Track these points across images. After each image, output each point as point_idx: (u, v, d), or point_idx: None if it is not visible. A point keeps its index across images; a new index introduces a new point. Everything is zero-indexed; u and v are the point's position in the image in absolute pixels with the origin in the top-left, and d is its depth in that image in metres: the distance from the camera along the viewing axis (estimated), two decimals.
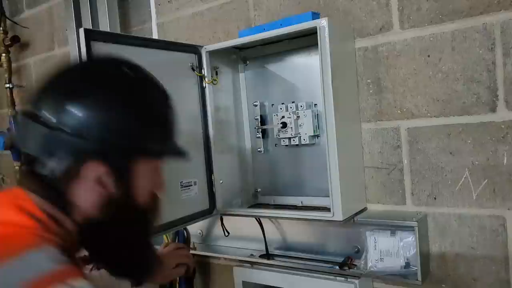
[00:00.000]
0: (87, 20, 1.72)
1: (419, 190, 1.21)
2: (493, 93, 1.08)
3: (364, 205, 1.28)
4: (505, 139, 1.08)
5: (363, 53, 1.26)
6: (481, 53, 1.09)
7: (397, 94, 1.22)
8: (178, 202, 1.25)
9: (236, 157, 1.44)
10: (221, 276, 1.68)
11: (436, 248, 1.19)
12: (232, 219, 1.47)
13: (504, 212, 1.09)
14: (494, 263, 1.12)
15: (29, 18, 2.32)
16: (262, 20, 1.45)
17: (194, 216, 1.29)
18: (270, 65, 1.41)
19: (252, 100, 1.44)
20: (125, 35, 1.32)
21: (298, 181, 1.38)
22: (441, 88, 1.15)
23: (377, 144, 1.26)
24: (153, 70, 1.18)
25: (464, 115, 1.13)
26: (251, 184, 1.48)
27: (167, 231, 1.22)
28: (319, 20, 1.10)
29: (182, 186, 1.26)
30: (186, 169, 1.27)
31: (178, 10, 1.67)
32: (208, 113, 1.33)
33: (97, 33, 1.08)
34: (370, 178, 1.28)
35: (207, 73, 1.33)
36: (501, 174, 1.09)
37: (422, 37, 1.17)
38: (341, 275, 1.25)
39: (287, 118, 1.32)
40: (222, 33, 1.56)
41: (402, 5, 1.19)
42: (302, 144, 1.31)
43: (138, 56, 1.14)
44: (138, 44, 1.16)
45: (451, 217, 1.17)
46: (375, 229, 1.21)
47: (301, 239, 1.40)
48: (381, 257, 1.18)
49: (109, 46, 1.07)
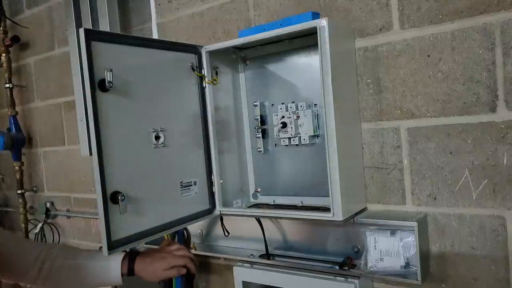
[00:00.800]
0: (87, 20, 1.72)
1: (419, 190, 1.21)
2: (493, 93, 1.09)
3: (364, 205, 1.28)
4: (505, 139, 1.08)
5: (363, 53, 1.26)
6: (481, 53, 1.09)
7: (397, 94, 1.22)
8: (178, 202, 1.25)
9: (236, 157, 1.44)
10: (221, 276, 1.68)
11: (436, 248, 1.19)
12: (232, 219, 1.47)
13: (504, 212, 1.10)
14: (494, 263, 1.12)
15: (29, 18, 2.32)
16: (262, 20, 1.45)
17: (194, 216, 1.29)
18: (270, 65, 1.41)
19: (252, 100, 1.44)
20: (125, 35, 1.32)
21: (298, 181, 1.38)
22: (441, 88, 1.15)
23: (377, 144, 1.26)
24: (154, 70, 1.20)
25: (464, 115, 1.13)
26: (251, 184, 1.48)
27: (167, 231, 1.22)
28: (319, 20, 1.10)
29: (182, 186, 1.26)
30: (186, 169, 1.28)
31: (178, 10, 1.67)
32: (208, 113, 1.33)
33: (97, 33, 1.08)
34: (370, 178, 1.28)
35: (207, 73, 1.33)
36: (501, 174, 1.09)
37: (422, 37, 1.17)
38: (341, 275, 1.25)
39: (287, 118, 1.32)
40: (222, 33, 1.56)
41: (402, 5, 1.19)
42: (302, 144, 1.31)
43: (138, 56, 1.16)
44: (138, 44, 1.16)
45: (451, 217, 1.17)
46: (375, 229, 1.21)
47: (301, 239, 1.40)
48: (381, 257, 1.18)
49: (109, 46, 1.07)
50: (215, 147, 1.34)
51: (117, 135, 1.07)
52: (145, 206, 1.14)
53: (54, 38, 2.20)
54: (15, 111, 2.32)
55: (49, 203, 2.34)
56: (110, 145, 1.05)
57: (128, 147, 1.11)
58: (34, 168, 2.43)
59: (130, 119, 1.13)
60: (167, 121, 1.22)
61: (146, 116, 1.17)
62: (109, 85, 1.03)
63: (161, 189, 1.20)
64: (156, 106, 1.20)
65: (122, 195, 1.05)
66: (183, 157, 1.27)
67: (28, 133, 2.41)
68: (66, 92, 2.15)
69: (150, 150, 1.18)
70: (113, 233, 1.04)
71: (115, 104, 1.08)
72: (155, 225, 1.17)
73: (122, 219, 1.07)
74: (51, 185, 2.36)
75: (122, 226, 1.07)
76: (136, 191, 1.11)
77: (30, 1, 2.31)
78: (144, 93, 1.16)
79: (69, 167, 2.22)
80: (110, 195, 1.05)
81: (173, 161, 1.24)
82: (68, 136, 2.20)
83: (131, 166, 1.12)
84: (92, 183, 2.05)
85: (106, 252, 1.03)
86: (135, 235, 1.11)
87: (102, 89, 1.04)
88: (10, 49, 2.30)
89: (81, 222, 2.22)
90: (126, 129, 1.11)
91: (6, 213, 2.67)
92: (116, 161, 1.06)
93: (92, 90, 1.01)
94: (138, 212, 1.12)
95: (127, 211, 1.08)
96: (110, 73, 1.03)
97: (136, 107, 1.14)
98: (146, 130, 1.17)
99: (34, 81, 2.35)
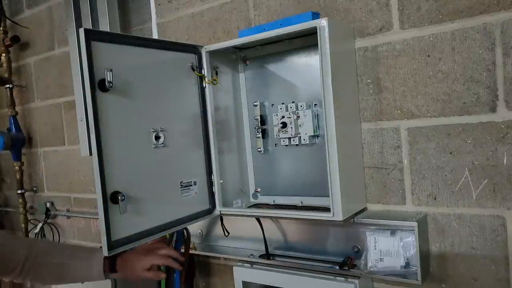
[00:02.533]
0: (87, 20, 1.72)
1: (419, 190, 1.21)
2: (493, 93, 1.09)
3: (364, 205, 1.28)
4: (505, 139, 1.08)
5: (363, 53, 1.26)
6: (481, 53, 1.09)
7: (397, 94, 1.22)
8: (178, 202, 1.25)
9: (236, 157, 1.44)
10: (221, 276, 1.68)
11: (436, 248, 1.19)
12: (232, 219, 1.47)
13: (504, 212, 1.10)
14: (494, 263, 1.12)
15: (29, 18, 2.32)
16: (262, 20, 1.45)
17: (194, 216, 1.29)
18: (270, 65, 1.41)
19: (252, 100, 1.44)
20: (125, 35, 1.32)
21: (298, 181, 1.38)
22: (441, 88, 1.15)
23: (377, 144, 1.26)
24: (154, 70, 1.20)
25: (464, 115, 1.13)
26: (251, 184, 1.48)
27: (167, 231, 1.22)
28: (319, 20, 1.10)
29: (182, 186, 1.26)
30: (186, 169, 1.28)
31: (178, 10, 1.67)
32: (208, 113, 1.33)
33: (97, 33, 1.08)
34: (370, 178, 1.28)
35: (207, 73, 1.33)
36: (501, 174, 1.09)
37: (422, 37, 1.17)
38: (341, 275, 1.25)
39: (287, 118, 1.32)
40: (222, 33, 1.56)
41: (402, 5, 1.19)
42: (302, 144, 1.31)
43: (138, 56, 1.16)
44: (138, 44, 1.16)
45: (451, 217, 1.17)
46: (375, 229, 1.21)
47: (301, 239, 1.40)
48: (381, 257, 1.18)
49: (109, 46, 1.07)
50: (215, 147, 1.34)
51: (117, 135, 1.07)
52: (145, 206, 1.14)
53: (54, 38, 2.20)
54: (15, 111, 2.32)
55: (49, 203, 2.34)
56: (110, 145, 1.05)
57: (128, 147, 1.11)
58: (34, 168, 2.43)
59: (130, 119, 1.12)
60: (167, 121, 1.22)
61: (146, 116, 1.17)
62: (109, 85, 1.03)
63: (161, 189, 1.20)
64: (156, 106, 1.20)
65: (122, 195, 1.05)
66: (183, 157, 1.27)
67: (28, 133, 2.41)
68: (66, 92, 2.15)
69: (150, 150, 1.18)
70: (113, 233, 1.04)
71: (115, 104, 1.07)
72: (155, 225, 1.16)
73: (122, 219, 1.07)
74: (51, 185, 2.36)
75: (122, 226, 1.07)
76: (136, 191, 1.11)
77: (30, 1, 2.31)
78: (144, 93, 1.16)
79: (69, 167, 2.22)
80: (110, 195, 1.05)
81: (173, 161, 1.24)
82: (68, 136, 2.20)
83: (131, 166, 1.12)
84: (92, 183, 2.06)
85: (106, 252, 1.03)
86: (135, 235, 1.11)
87: (102, 89, 1.04)
88: (10, 49, 2.31)
89: (81, 222, 2.22)
90: (126, 129, 1.11)
91: (6, 213, 2.68)
92: (116, 161, 1.06)
93: (92, 90, 1.01)
94: (138, 212, 1.12)
95: (127, 211, 1.08)
96: (110, 73, 1.03)
97: (136, 107, 1.14)
98: (146, 130, 1.17)
99: (34, 81, 2.35)
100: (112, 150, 1.05)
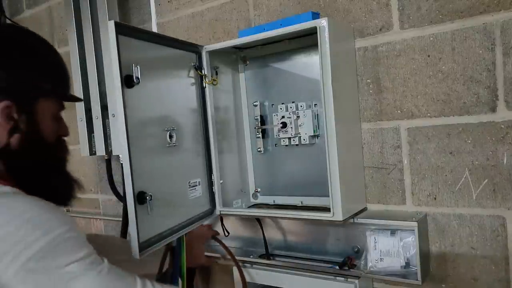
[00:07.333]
0: (87, 20, 1.72)
1: (419, 190, 1.21)
2: (493, 93, 1.09)
3: (364, 205, 1.28)
4: (505, 139, 1.08)
5: (363, 53, 1.26)
6: (481, 53, 1.09)
7: (397, 94, 1.22)
8: (188, 202, 1.23)
9: (236, 157, 1.44)
10: (221, 276, 1.68)
11: (436, 248, 1.19)
12: (232, 219, 1.47)
13: (504, 212, 1.10)
14: (494, 263, 1.12)
15: (29, 18, 2.32)
16: (262, 20, 1.45)
17: (198, 217, 1.27)
18: (270, 65, 1.41)
19: (252, 100, 1.44)
20: (147, 31, 1.22)
21: (298, 181, 1.38)
22: (441, 88, 1.15)
23: (377, 144, 1.26)
24: (164, 68, 1.18)
25: (464, 115, 1.13)
26: (251, 184, 1.48)
27: (181, 233, 1.17)
28: (319, 20, 1.10)
29: (190, 186, 1.24)
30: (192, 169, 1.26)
31: (178, 10, 1.67)
32: (208, 113, 1.33)
33: (125, 27, 1.03)
34: (370, 178, 1.28)
35: (207, 73, 1.33)
36: (501, 174, 1.09)
37: (422, 37, 1.17)
38: (341, 275, 1.25)
39: (287, 118, 1.32)
40: (222, 33, 1.56)
41: (402, 5, 1.19)
42: (302, 144, 1.31)
43: (153, 52, 1.12)
44: (155, 41, 1.14)
45: (451, 217, 1.17)
46: (375, 229, 1.21)
47: (301, 239, 1.40)
48: (381, 257, 1.18)
49: (133, 41, 1.04)
50: (215, 147, 1.34)
51: (140, 133, 1.05)
52: (164, 206, 1.10)
53: (54, 38, 2.20)
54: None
55: None
56: (136, 144, 1.01)
57: (148, 146, 1.08)
58: None
59: (150, 117, 1.10)
60: (175, 120, 1.20)
61: (161, 114, 1.14)
62: (136, 80, 1.00)
63: (175, 189, 1.17)
64: (167, 104, 1.17)
65: (150, 195, 1.02)
66: (189, 157, 1.26)
67: None
68: None
69: (166, 149, 1.15)
70: (141, 235, 0.99)
71: (138, 101, 1.04)
72: (171, 227, 1.13)
73: (149, 220, 1.03)
74: None
75: (149, 226, 1.03)
76: (156, 191, 1.07)
77: (30, 1, 2.31)
78: (158, 91, 1.13)
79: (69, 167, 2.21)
80: (137, 195, 1.01)
81: (183, 160, 1.22)
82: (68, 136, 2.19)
83: (151, 165, 1.08)
84: (93, 183, 2.06)
85: (137, 254, 0.97)
86: (158, 235, 1.07)
87: (128, 85, 1.00)
88: None
89: (81, 222, 2.22)
90: (147, 127, 1.09)
91: None
92: (140, 161, 1.02)
93: (121, 86, 0.97)
94: (159, 213, 1.07)
95: (153, 211, 1.04)
96: (137, 68, 1.01)
97: (153, 104, 1.12)
98: (162, 128, 1.14)
99: None
100: (137, 149, 1.01)
